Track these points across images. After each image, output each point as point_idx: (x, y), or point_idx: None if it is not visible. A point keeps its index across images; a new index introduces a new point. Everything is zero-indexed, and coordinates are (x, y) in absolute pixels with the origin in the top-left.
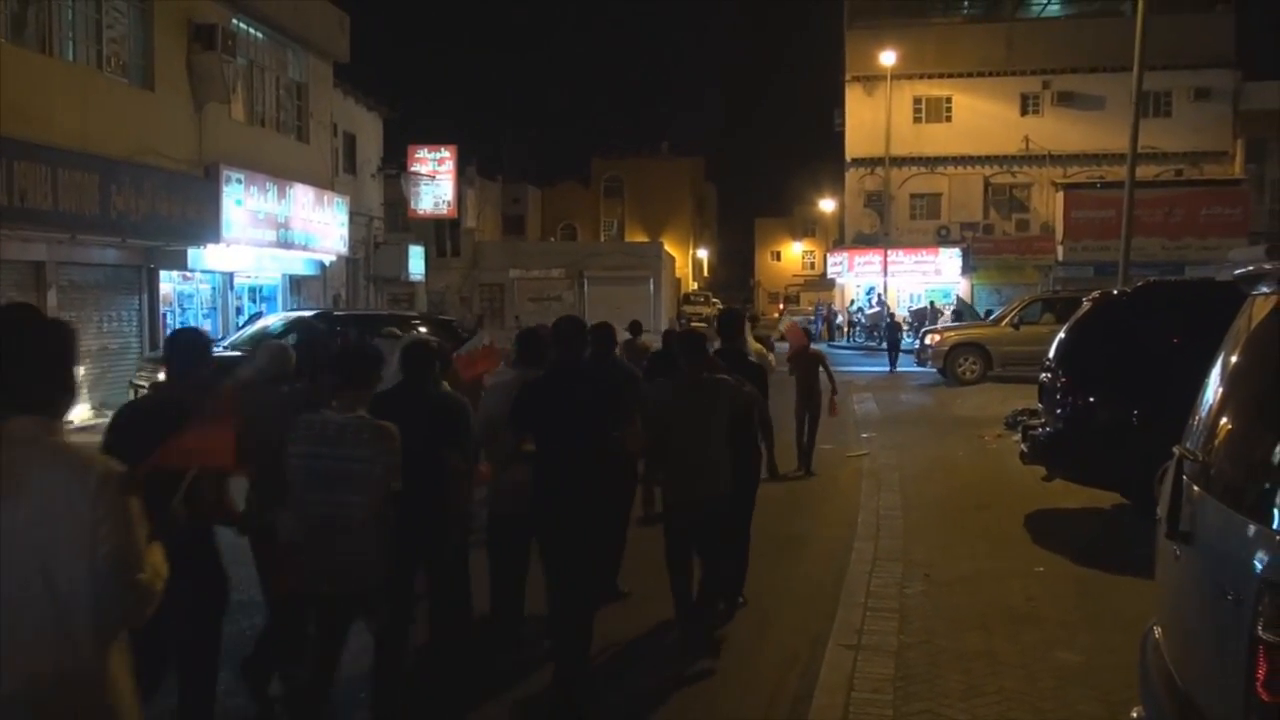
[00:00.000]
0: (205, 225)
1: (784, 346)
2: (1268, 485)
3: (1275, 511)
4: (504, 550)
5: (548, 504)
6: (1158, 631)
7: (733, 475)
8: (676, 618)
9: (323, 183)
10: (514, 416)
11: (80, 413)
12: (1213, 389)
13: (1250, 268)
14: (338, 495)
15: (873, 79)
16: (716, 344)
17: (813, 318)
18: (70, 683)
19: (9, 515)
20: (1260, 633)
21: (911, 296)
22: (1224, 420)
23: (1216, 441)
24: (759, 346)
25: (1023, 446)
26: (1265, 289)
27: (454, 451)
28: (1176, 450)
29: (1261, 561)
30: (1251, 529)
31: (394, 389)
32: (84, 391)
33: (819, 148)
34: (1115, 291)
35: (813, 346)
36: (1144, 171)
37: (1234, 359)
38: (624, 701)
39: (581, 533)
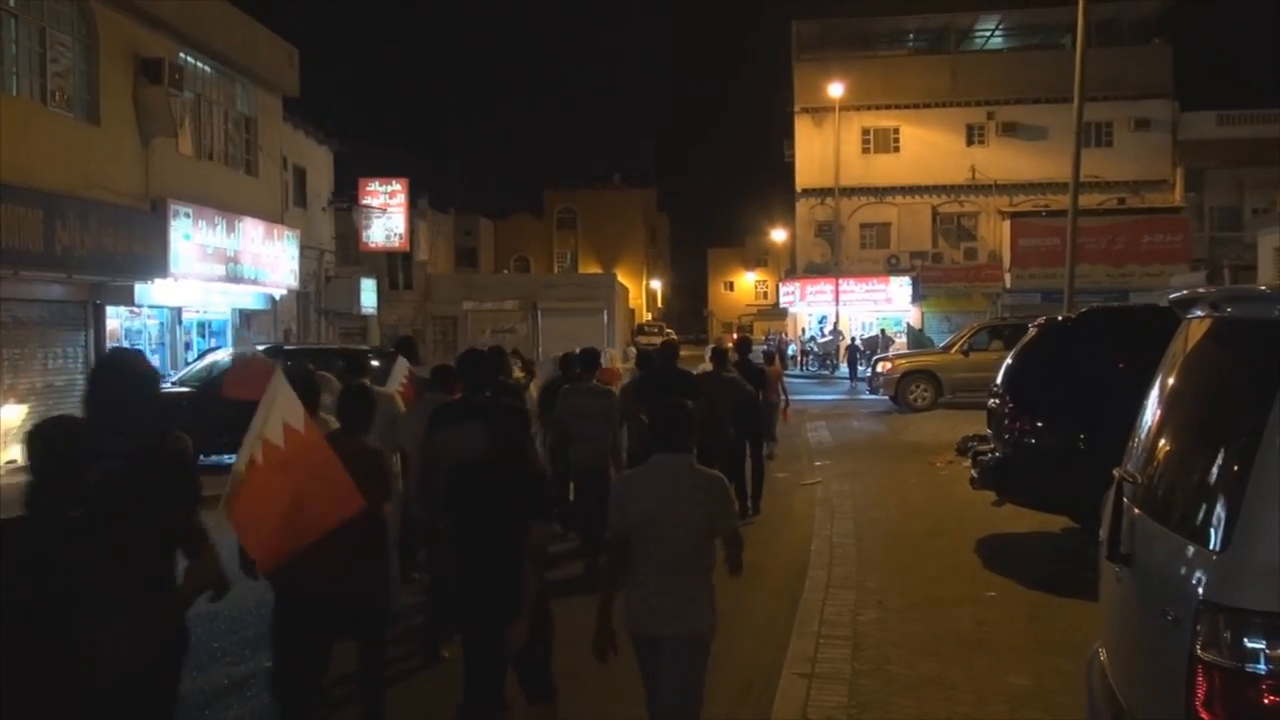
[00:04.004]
0: (153, 260)
1: None
2: (1205, 506)
3: (1212, 532)
4: None
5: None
6: (1103, 653)
7: (731, 429)
8: None
9: (273, 216)
10: (640, 395)
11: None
12: (1150, 411)
13: (1184, 292)
14: (588, 423)
15: (821, 110)
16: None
17: (765, 346)
18: None
19: None
20: (1199, 652)
21: (863, 325)
22: (1161, 442)
23: (1154, 463)
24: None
25: (973, 472)
26: (1199, 312)
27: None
28: (1116, 472)
29: (1199, 582)
30: (1190, 550)
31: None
32: (29, 428)
33: (770, 178)
34: (1060, 318)
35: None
36: (1087, 200)
37: (1170, 381)
38: None
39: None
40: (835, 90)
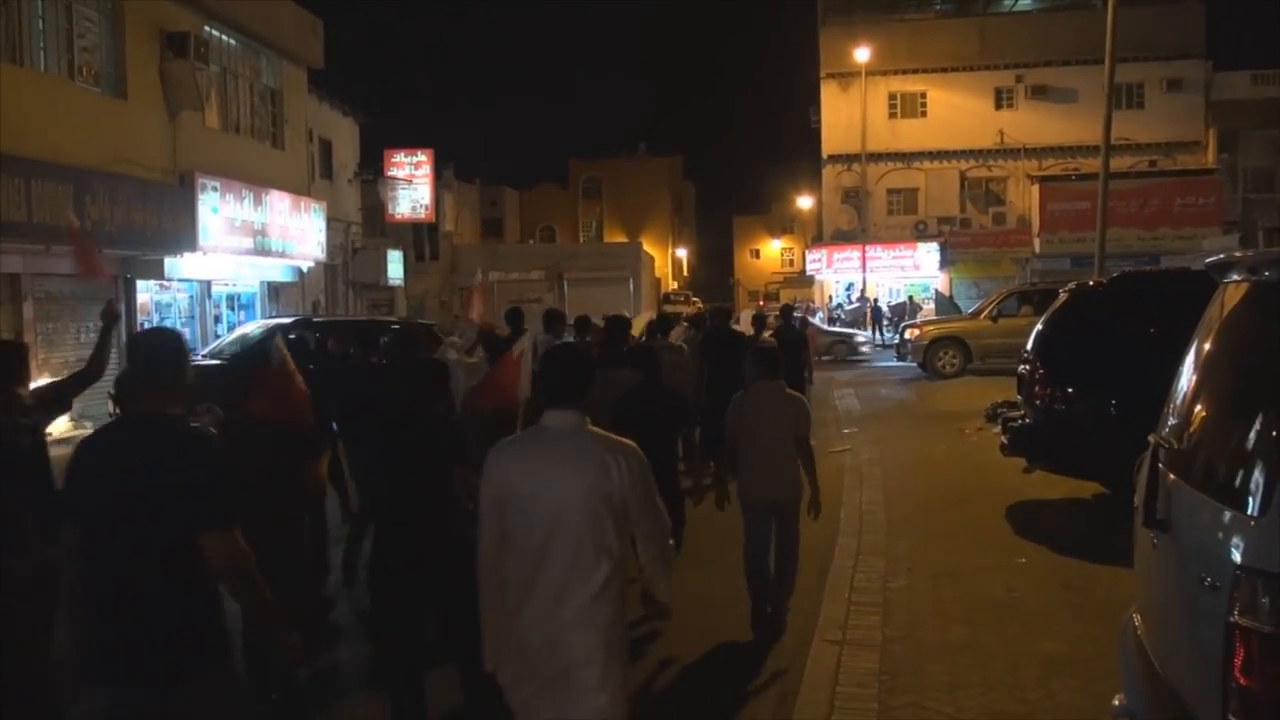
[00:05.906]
0: (181, 234)
1: None
2: (1242, 471)
3: (1250, 497)
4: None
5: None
6: (1137, 619)
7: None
8: None
9: (299, 189)
10: (703, 350)
11: (59, 424)
12: (1186, 376)
13: (1221, 256)
14: (666, 374)
15: (847, 76)
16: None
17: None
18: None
19: None
20: (1237, 618)
21: (890, 291)
22: (1198, 407)
23: (1191, 429)
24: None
25: (1003, 439)
26: (1236, 276)
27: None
28: (1152, 438)
29: (1237, 547)
30: (1227, 515)
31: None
32: None
33: (796, 145)
34: (1091, 283)
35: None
36: (1118, 163)
37: (1207, 346)
38: None
39: None
40: (861, 55)
